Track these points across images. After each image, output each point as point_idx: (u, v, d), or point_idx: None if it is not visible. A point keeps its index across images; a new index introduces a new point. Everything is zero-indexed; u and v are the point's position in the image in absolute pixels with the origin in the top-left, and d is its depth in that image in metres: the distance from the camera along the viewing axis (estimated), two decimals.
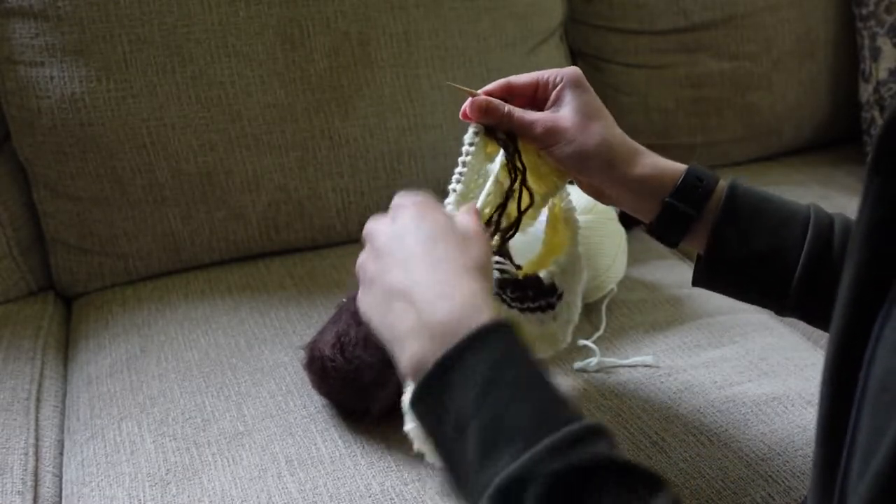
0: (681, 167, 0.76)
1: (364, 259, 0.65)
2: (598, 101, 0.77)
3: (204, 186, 1.20)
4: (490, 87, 0.78)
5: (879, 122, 1.46)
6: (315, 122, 1.22)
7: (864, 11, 1.47)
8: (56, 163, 1.16)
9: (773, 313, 1.12)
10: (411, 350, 0.57)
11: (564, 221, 0.86)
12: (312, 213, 1.25)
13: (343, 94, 1.23)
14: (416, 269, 0.59)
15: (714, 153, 1.51)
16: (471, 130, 0.78)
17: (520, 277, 0.80)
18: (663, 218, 0.76)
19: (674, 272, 1.17)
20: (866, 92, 1.48)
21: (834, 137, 1.59)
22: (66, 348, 1.14)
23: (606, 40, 1.47)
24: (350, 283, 1.18)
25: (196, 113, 1.17)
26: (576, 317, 0.86)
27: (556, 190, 0.82)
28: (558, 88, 0.77)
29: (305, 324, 1.07)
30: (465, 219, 0.66)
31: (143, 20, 1.14)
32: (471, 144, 0.77)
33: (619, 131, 0.77)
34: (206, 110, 1.18)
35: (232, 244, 1.24)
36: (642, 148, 0.77)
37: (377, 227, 0.65)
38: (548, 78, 0.77)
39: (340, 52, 1.22)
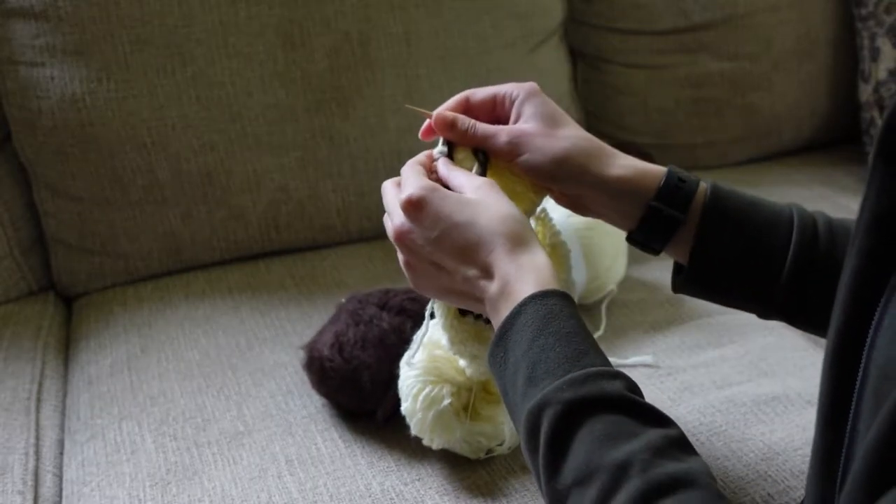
0: (658, 168, 0.74)
1: (406, 261, 0.72)
2: (559, 109, 0.76)
3: (204, 186, 1.20)
4: (449, 103, 0.77)
5: (879, 122, 1.46)
6: (315, 122, 1.22)
7: (863, 12, 1.47)
8: (57, 163, 1.16)
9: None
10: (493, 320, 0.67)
11: (552, 248, 0.80)
12: (312, 213, 1.25)
13: (343, 94, 1.23)
14: (466, 264, 0.67)
15: (714, 153, 1.51)
16: (437, 149, 0.76)
17: None
18: (647, 223, 0.73)
19: None
20: (866, 92, 1.49)
21: (834, 137, 1.59)
22: (66, 348, 1.14)
23: (606, 40, 1.47)
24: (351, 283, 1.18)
25: (196, 113, 1.17)
26: None
27: (533, 207, 0.77)
28: (518, 102, 0.76)
29: (305, 324, 1.07)
30: (482, 193, 0.69)
31: (143, 20, 1.14)
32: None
33: (587, 133, 0.75)
34: (206, 110, 1.18)
35: (232, 244, 1.24)
36: (613, 149, 0.75)
37: (406, 235, 0.69)
38: (505, 93, 0.76)
39: (340, 52, 1.22)
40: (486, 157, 0.75)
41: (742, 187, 0.76)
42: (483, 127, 0.75)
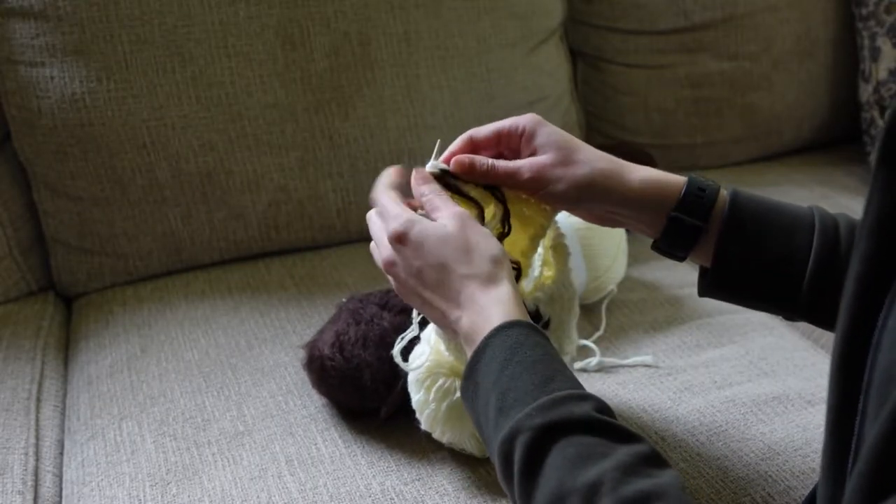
0: (677, 178, 0.75)
1: (398, 290, 0.75)
2: (567, 134, 0.76)
3: (204, 186, 1.20)
4: (454, 145, 0.78)
5: (879, 122, 1.46)
6: (315, 122, 1.22)
7: (863, 11, 1.47)
8: (56, 163, 1.16)
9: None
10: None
11: (554, 249, 0.81)
12: (312, 213, 1.25)
13: (343, 94, 1.23)
14: (441, 300, 0.70)
15: (714, 153, 1.51)
16: (431, 163, 0.77)
17: None
18: (670, 233, 0.74)
19: (674, 272, 1.17)
20: (866, 92, 1.49)
21: (834, 137, 1.59)
22: (66, 348, 1.14)
23: (606, 40, 1.47)
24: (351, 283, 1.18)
25: (196, 113, 1.17)
26: (567, 347, 0.81)
27: (542, 231, 0.79)
28: (527, 135, 0.76)
29: (305, 324, 1.07)
30: (454, 226, 0.71)
31: (143, 20, 1.14)
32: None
33: (600, 153, 0.76)
34: (206, 110, 1.18)
35: (232, 244, 1.24)
36: (630, 163, 0.76)
37: (391, 267, 0.73)
38: (509, 128, 0.77)
39: (340, 52, 1.22)
40: (501, 193, 0.76)
41: (742, 188, 0.76)
42: (502, 164, 0.76)
